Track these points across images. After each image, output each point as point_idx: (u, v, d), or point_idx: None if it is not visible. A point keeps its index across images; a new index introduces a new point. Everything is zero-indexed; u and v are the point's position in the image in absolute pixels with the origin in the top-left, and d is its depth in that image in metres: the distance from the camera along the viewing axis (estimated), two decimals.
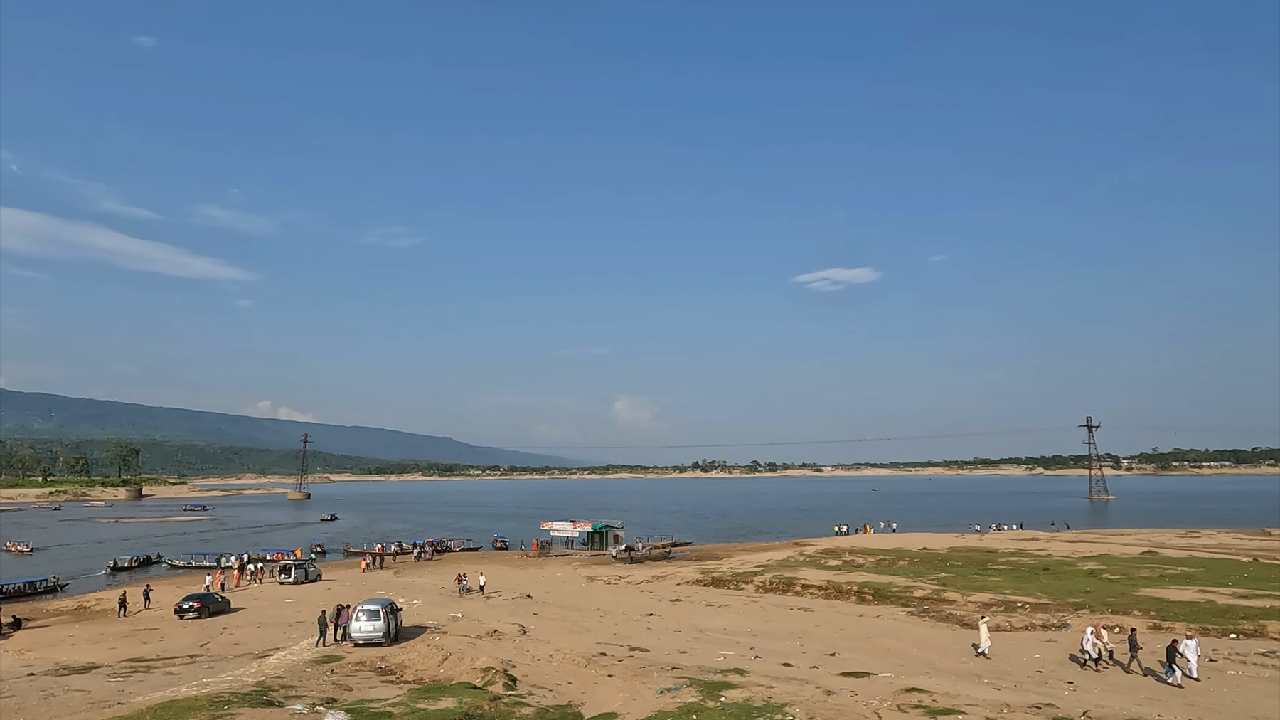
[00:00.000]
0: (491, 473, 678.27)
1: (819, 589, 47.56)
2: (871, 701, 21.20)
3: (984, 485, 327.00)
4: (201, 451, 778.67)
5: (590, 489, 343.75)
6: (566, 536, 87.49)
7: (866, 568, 55.01)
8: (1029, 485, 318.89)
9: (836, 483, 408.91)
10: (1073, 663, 27.29)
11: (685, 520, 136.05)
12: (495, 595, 47.28)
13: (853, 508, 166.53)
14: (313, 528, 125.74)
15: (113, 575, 66.16)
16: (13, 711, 20.21)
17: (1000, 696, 21.77)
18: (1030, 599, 39.43)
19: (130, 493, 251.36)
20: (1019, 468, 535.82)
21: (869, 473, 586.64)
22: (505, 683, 24.14)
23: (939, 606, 40.00)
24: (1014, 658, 28.27)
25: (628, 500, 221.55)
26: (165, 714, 18.33)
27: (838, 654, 29.43)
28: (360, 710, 19.71)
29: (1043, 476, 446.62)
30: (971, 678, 24.96)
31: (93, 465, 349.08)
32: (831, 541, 76.23)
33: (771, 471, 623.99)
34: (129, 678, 25.52)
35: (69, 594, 54.46)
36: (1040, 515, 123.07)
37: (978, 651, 28.81)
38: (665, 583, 53.68)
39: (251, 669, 26.97)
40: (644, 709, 21.33)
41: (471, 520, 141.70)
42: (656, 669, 25.87)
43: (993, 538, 76.92)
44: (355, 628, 30.76)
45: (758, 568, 56.18)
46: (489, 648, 29.55)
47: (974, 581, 46.13)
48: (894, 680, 24.05)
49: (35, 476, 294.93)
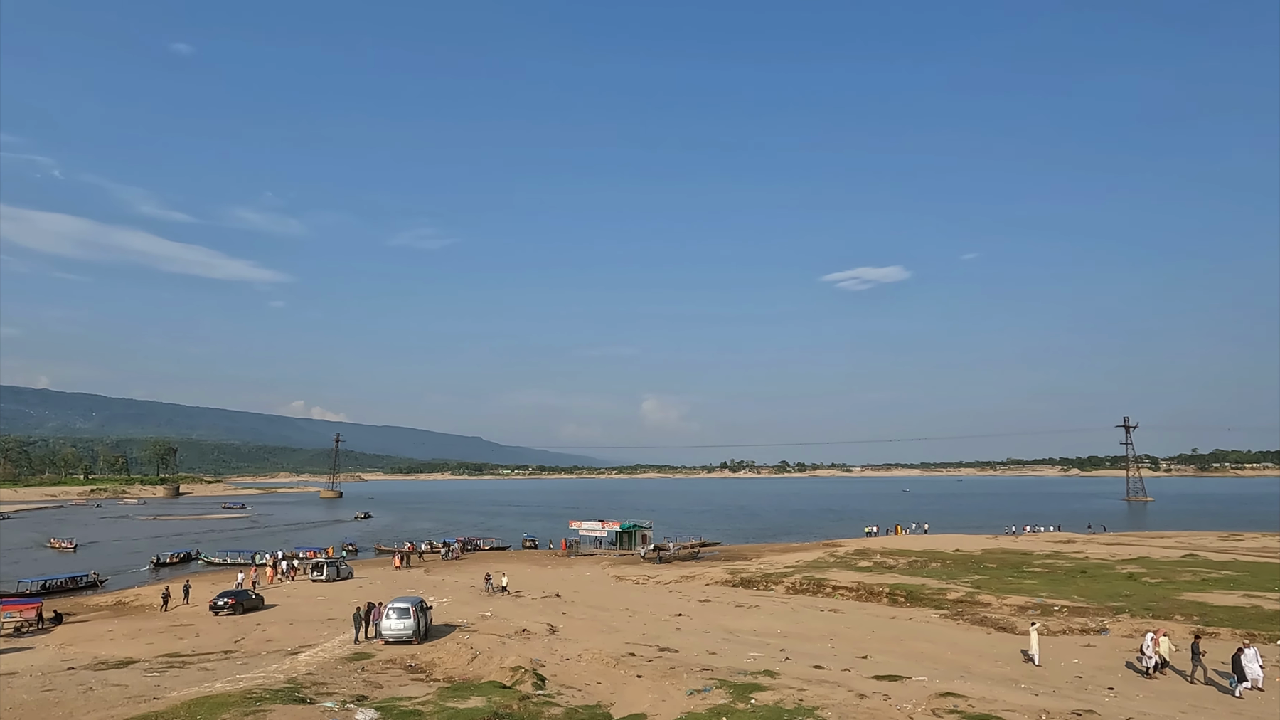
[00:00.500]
0: (520, 472, 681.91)
1: (850, 590, 47.01)
2: (905, 706, 20.81)
3: (1017, 486, 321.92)
4: (237, 450, 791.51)
5: (618, 489, 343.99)
6: (595, 536, 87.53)
7: (898, 569, 54.28)
8: (1064, 486, 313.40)
9: (866, 483, 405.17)
10: (1129, 670, 26.43)
11: (713, 520, 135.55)
12: (524, 594, 47.36)
13: (883, 508, 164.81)
14: (345, 526, 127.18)
15: (155, 571, 67.97)
16: (52, 705, 20.56)
17: (1038, 702, 21.26)
18: (1067, 602, 38.60)
19: (168, 491, 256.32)
20: (1053, 468, 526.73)
21: (899, 473, 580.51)
22: (534, 682, 24.09)
23: (973, 609, 39.30)
24: (1052, 663, 27.64)
25: (655, 500, 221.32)
26: (199, 710, 18.52)
27: (870, 656, 29.00)
28: (390, 708, 19.76)
29: (1078, 478, 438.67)
30: (1008, 682, 24.43)
31: (132, 464, 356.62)
32: (862, 542, 75.42)
33: (800, 472, 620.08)
34: (165, 673, 25.87)
35: (108, 590, 55.49)
36: (1076, 517, 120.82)
37: (1027, 658, 28.00)
38: (694, 583, 53.42)
39: (284, 665, 27.23)
40: (673, 710, 21.15)
41: (500, 519, 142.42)
42: (686, 670, 25.66)
43: (1027, 539, 75.62)
44: (385, 625, 30.95)
45: (787, 568, 55.71)
46: (518, 647, 29.56)
47: (1009, 584, 45.29)
48: (928, 684, 23.61)
49: (77, 474, 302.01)
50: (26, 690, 22.46)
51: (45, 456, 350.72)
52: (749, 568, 57.65)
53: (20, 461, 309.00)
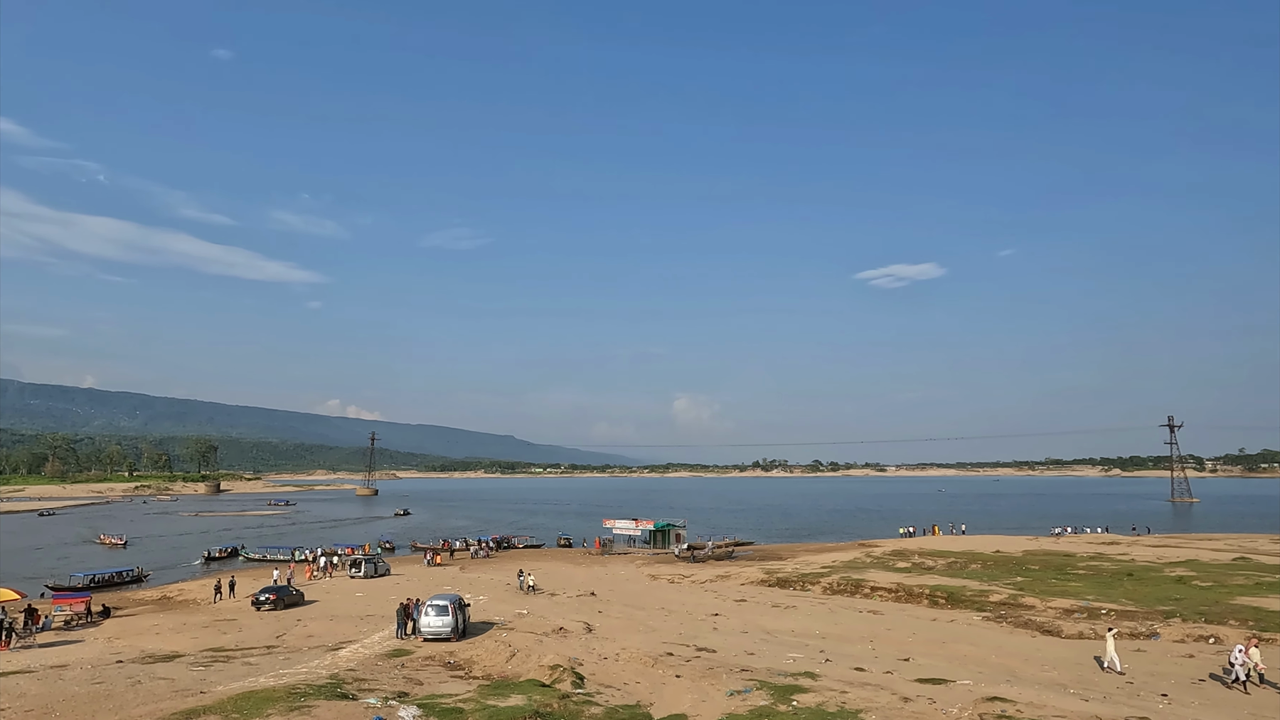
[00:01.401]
0: (552, 470, 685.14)
1: (889, 591, 46.36)
2: (951, 710, 20.39)
3: (1056, 487, 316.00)
4: (275, 448, 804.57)
5: (650, 487, 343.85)
6: (629, 535, 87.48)
7: (937, 570, 53.45)
8: (1105, 487, 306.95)
9: (901, 483, 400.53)
10: (1214, 681, 25.18)
11: (747, 519, 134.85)
12: (559, 593, 47.43)
13: (919, 508, 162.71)
14: (382, 523, 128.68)
15: (206, 564, 70.65)
16: (102, 697, 20.94)
17: (1089, 708, 20.70)
18: (1115, 606, 37.64)
19: (209, 488, 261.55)
20: (1094, 469, 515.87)
21: (934, 473, 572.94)
22: (573, 680, 24.04)
23: (1017, 612, 38.50)
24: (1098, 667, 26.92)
25: (688, 499, 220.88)
26: (245, 704, 18.71)
27: (912, 659, 28.52)
28: (431, 705, 19.82)
29: (1120, 478, 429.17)
30: (1056, 687, 23.83)
31: (174, 461, 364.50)
32: (899, 543, 74.44)
33: (834, 471, 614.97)
34: (210, 667, 26.25)
35: (153, 584, 56.69)
36: (1119, 518, 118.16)
37: (1103, 666, 26.58)
38: (729, 582, 53.09)
39: (325, 661, 27.51)
40: (714, 711, 20.95)
41: (534, 517, 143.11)
42: (725, 670, 25.44)
43: (1069, 541, 74.03)
44: (425, 623, 31.15)
45: (824, 569, 55.14)
46: (555, 645, 29.55)
47: (1053, 586, 44.31)
48: (973, 688, 23.12)
49: (122, 472, 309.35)
50: (77, 683, 22.92)
51: (92, 454, 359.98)
52: (784, 568, 57.16)
53: (68, 459, 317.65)
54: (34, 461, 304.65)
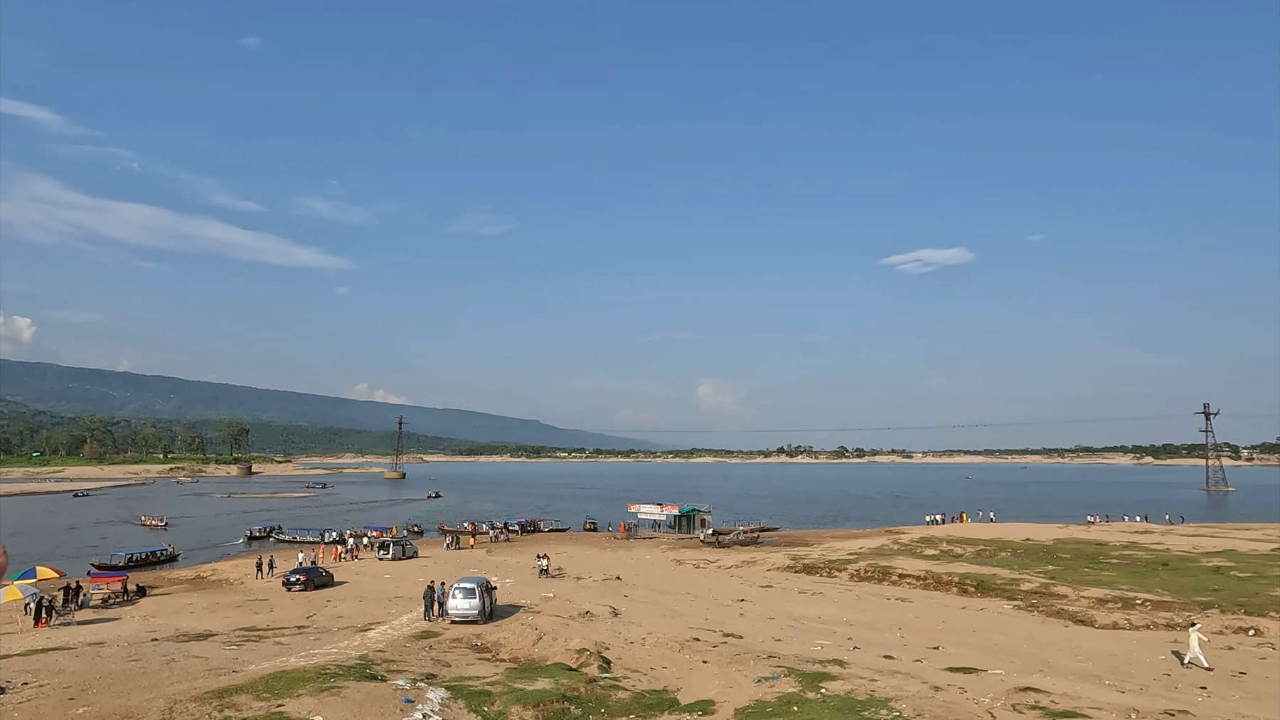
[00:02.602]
0: (577, 455, 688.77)
1: (917, 579, 45.93)
2: (983, 700, 20.07)
3: (1087, 474, 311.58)
4: (305, 432, 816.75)
5: (675, 472, 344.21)
6: (653, 519, 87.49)
7: (966, 558, 52.86)
8: (1137, 475, 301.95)
9: (927, 470, 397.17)
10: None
11: (772, 505, 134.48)
12: (585, 577, 47.54)
13: (946, 495, 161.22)
14: (410, 506, 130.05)
15: (248, 543, 73.32)
16: (139, 675, 21.27)
17: (1126, 700, 20.29)
18: (1151, 596, 36.93)
19: (241, 470, 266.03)
20: (1125, 456, 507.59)
21: (962, 460, 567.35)
22: (600, 665, 24.04)
23: (1049, 601, 37.94)
24: (1137, 659, 26.42)
25: (713, 484, 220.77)
26: (276, 684, 18.89)
27: (942, 648, 28.18)
28: (460, 687, 19.89)
29: (1152, 466, 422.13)
30: (1091, 678, 23.42)
31: (207, 444, 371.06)
32: (927, 530, 73.81)
33: (859, 457, 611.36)
34: (242, 646, 26.61)
35: (187, 564, 57.72)
36: (1151, 507, 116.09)
37: (1183, 662, 25.21)
38: (755, 568, 52.93)
39: (354, 642, 27.77)
40: (742, 697, 20.80)
41: (559, 501, 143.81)
42: (752, 657, 25.29)
43: (1100, 530, 72.92)
44: (452, 605, 31.35)
45: (850, 555, 54.76)
46: (581, 629, 29.60)
47: (1085, 576, 43.62)
48: (1005, 678, 22.78)
49: (157, 454, 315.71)
50: (114, 660, 23.32)
51: (128, 436, 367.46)
52: (811, 554, 56.86)
53: (105, 441, 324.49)
54: (73, 443, 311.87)
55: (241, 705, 17.45)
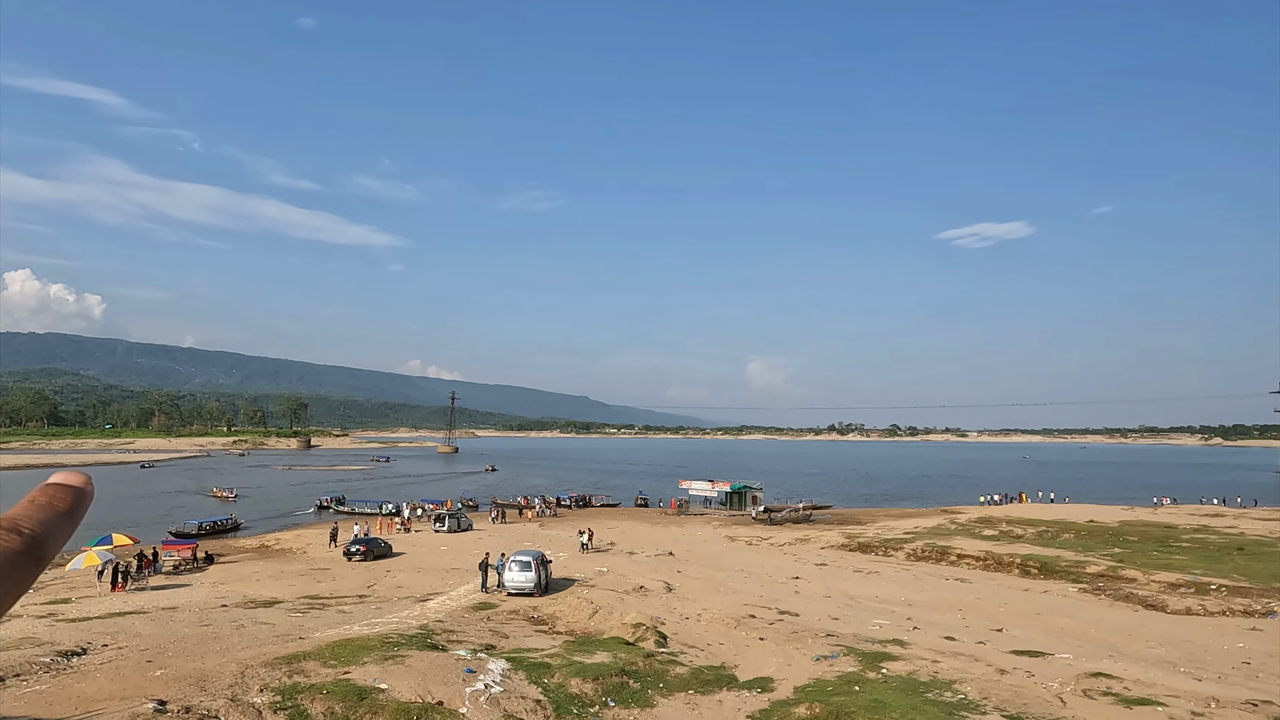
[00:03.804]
0: (626, 431, 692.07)
1: (976, 560, 44.98)
2: (1051, 684, 19.50)
3: (1151, 455, 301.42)
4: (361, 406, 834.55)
5: (724, 449, 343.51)
6: (704, 496, 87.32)
7: (1027, 539, 51.59)
8: (1205, 456, 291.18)
9: (982, 449, 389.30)
10: None
11: (823, 483, 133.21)
12: (638, 552, 47.66)
13: (1002, 475, 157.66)
14: (465, 479, 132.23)
15: (319, 512, 76.73)
16: (210, 639, 21.95)
17: (1203, 688, 19.51)
18: (1226, 581, 35.52)
19: (300, 443, 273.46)
20: (1192, 437, 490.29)
21: (1019, 439, 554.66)
22: (656, 639, 24.04)
23: (1117, 584, 36.78)
24: (1213, 647, 25.43)
25: (763, 461, 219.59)
26: (341, 651, 19.28)
27: (1005, 630, 27.54)
28: (519, 659, 20.05)
29: (1221, 447, 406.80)
30: (1165, 665, 22.63)
31: (268, 418, 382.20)
32: (985, 510, 72.22)
33: (912, 436, 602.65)
34: (306, 614, 27.31)
35: (251, 534, 59.55)
36: (1222, 490, 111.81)
37: None
38: (809, 546, 52.48)
39: (414, 612, 28.28)
40: (800, 675, 20.59)
41: (610, 477, 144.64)
42: (810, 635, 25.03)
43: (1168, 512, 70.44)
44: (509, 578, 31.69)
45: (906, 534, 53.90)
46: (636, 603, 29.64)
47: (1154, 559, 42.17)
48: (1073, 663, 22.12)
49: (220, 427, 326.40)
50: (187, 624, 24.13)
51: (193, 410, 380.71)
52: (865, 532, 56.14)
53: (172, 414, 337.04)
54: (142, 416, 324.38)
55: (309, 671, 17.86)
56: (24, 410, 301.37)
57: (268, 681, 17.09)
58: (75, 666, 18.77)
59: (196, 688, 16.72)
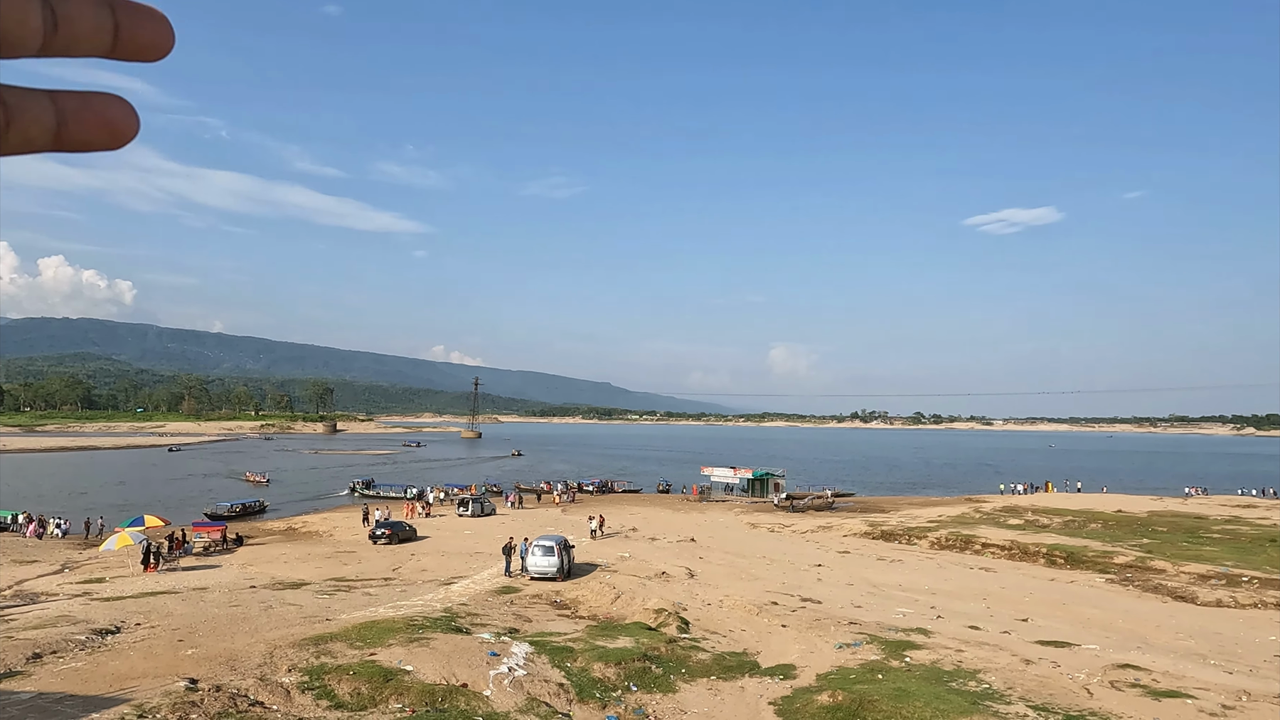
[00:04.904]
0: (648, 417, 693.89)
1: (1001, 549, 44.60)
2: (1078, 676, 19.32)
3: (1181, 445, 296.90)
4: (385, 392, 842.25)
5: (746, 436, 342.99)
6: (726, 482, 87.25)
7: (1053, 529, 51.06)
8: (1237, 446, 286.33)
9: (1008, 437, 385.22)
10: None
11: (845, 470, 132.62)
12: (660, 538, 47.77)
13: (1028, 464, 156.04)
14: (487, 464, 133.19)
15: (353, 494, 78.55)
16: (240, 620, 22.33)
17: (1235, 681, 19.24)
18: (1258, 573, 34.92)
19: (326, 428, 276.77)
20: (1224, 427, 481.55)
21: (1045, 428, 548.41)
22: (679, 625, 24.10)
23: (1145, 575, 36.30)
24: (1244, 639, 25.03)
25: (785, 449, 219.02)
26: (368, 633, 19.53)
27: (1030, 620, 27.29)
28: (543, 643, 20.19)
29: (1254, 437, 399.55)
30: (1194, 657, 22.31)
31: (294, 402, 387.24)
32: (1010, 499, 71.60)
33: (936, 424, 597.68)
34: (333, 595, 27.68)
35: (280, 516, 60.42)
36: (1254, 480, 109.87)
37: None
38: (831, 534, 52.33)
39: (439, 595, 28.56)
40: (823, 663, 20.56)
41: (631, 463, 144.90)
42: (832, 622, 24.99)
43: (1198, 503, 69.41)
44: (532, 562, 31.90)
45: (930, 523, 53.56)
46: (659, 589, 29.73)
47: (1184, 550, 41.57)
48: (1100, 654, 21.90)
49: (248, 411, 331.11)
50: (217, 605, 24.56)
51: (222, 394, 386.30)
52: (889, 520, 55.85)
53: (201, 398, 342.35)
54: (172, 400, 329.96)
55: (336, 653, 18.11)
56: (58, 394, 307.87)
57: (295, 662, 17.37)
58: (109, 645, 19.19)
59: (226, 667, 17.04)
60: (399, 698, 15.81)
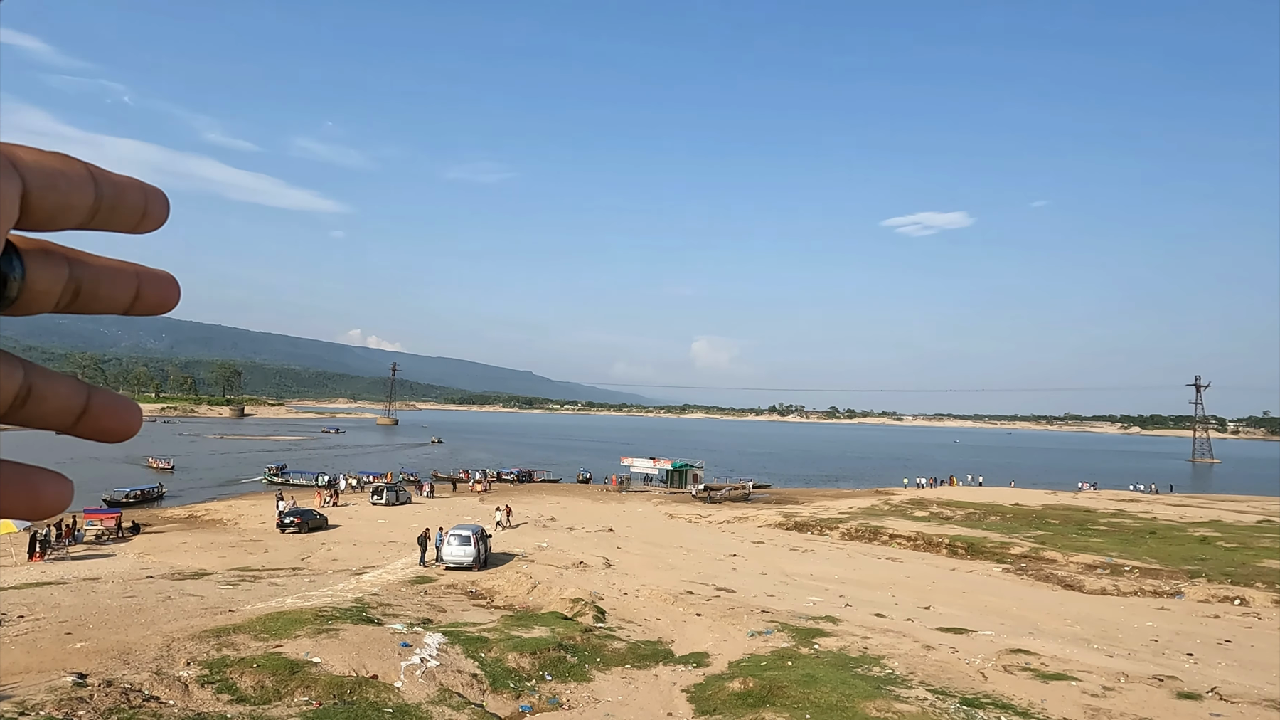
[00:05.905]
0: (570, 407, 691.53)
1: (907, 539, 46.39)
2: (974, 660, 20.32)
3: (1074, 442, 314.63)
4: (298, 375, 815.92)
5: (667, 427, 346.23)
6: (646, 473, 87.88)
7: (956, 521, 53.41)
8: (1124, 444, 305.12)
9: (917, 432, 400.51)
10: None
11: (763, 463, 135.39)
12: (578, 528, 47.80)
13: (933, 458, 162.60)
14: (402, 452, 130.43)
15: (268, 480, 75.74)
16: (134, 611, 21.28)
17: (1114, 664, 20.56)
18: (1138, 563, 37.40)
19: (233, 412, 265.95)
20: (1113, 426, 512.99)
21: (951, 424, 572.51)
22: (595, 615, 24.19)
23: (1038, 565, 38.39)
24: (1125, 625, 26.75)
25: (705, 440, 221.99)
26: (273, 624, 18.91)
27: (932, 607, 28.49)
28: (457, 633, 19.97)
29: (1139, 436, 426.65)
30: (1080, 642, 23.71)
31: (199, 385, 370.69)
32: (917, 492, 74.47)
33: (850, 418, 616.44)
34: (237, 586, 26.68)
35: (182, 503, 57.80)
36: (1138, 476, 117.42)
37: None
38: (747, 524, 53.37)
39: (350, 585, 27.87)
40: (736, 651, 21.00)
41: (551, 453, 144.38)
42: (745, 611, 25.53)
43: (1088, 496, 73.76)
44: (447, 552, 31.47)
45: (841, 514, 55.24)
46: (576, 579, 29.77)
47: (1074, 541, 44.14)
48: (995, 639, 23.06)
49: (148, 393, 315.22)
50: (110, 596, 23.34)
51: (119, 375, 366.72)
52: (802, 512, 57.33)
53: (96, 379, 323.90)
54: None
55: (239, 645, 17.48)
56: None
57: (195, 655, 16.68)
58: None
59: (119, 661, 16.23)
60: (306, 690, 15.38)
